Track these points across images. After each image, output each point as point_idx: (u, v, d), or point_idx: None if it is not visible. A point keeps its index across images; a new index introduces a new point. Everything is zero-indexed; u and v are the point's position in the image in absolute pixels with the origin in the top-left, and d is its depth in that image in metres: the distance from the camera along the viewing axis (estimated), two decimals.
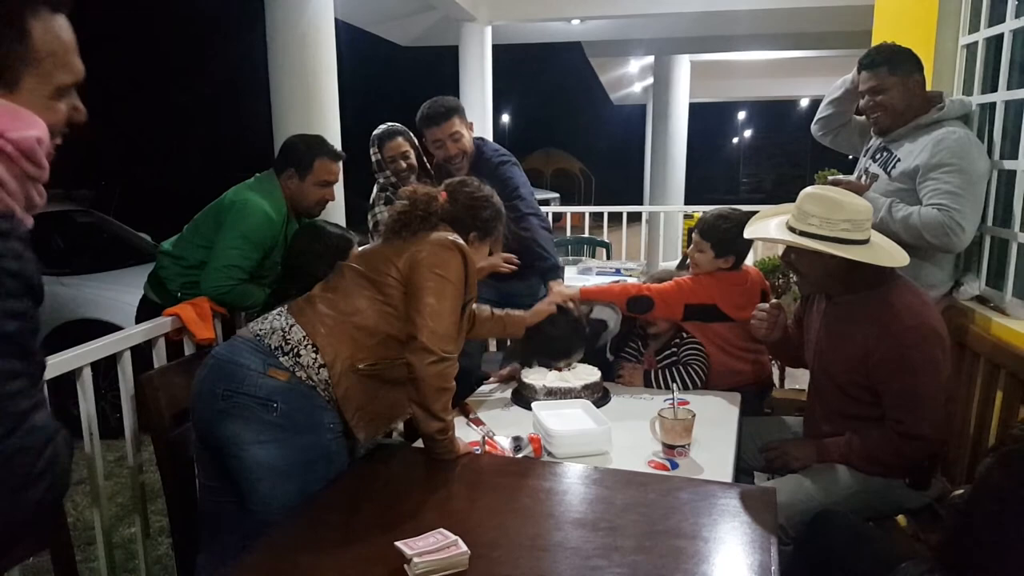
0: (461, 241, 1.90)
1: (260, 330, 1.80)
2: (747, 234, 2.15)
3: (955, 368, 2.04)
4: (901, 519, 2.16)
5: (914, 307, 1.91)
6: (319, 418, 1.75)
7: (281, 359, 1.74)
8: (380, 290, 1.83)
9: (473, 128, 3.05)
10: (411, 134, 3.20)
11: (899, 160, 2.38)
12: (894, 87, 2.39)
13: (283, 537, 1.50)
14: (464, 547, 1.34)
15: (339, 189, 3.09)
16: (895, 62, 2.39)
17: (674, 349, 2.47)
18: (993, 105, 2.49)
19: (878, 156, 2.49)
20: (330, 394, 1.76)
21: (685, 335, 2.46)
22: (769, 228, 2.05)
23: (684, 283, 2.49)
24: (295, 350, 1.75)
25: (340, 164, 2.69)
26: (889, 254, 1.95)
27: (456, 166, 2.98)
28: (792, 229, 1.95)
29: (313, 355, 1.76)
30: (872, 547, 1.59)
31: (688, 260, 2.63)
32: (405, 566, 1.31)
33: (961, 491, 1.51)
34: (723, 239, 2.47)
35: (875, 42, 2.98)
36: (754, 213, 2.24)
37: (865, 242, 1.91)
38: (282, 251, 2.61)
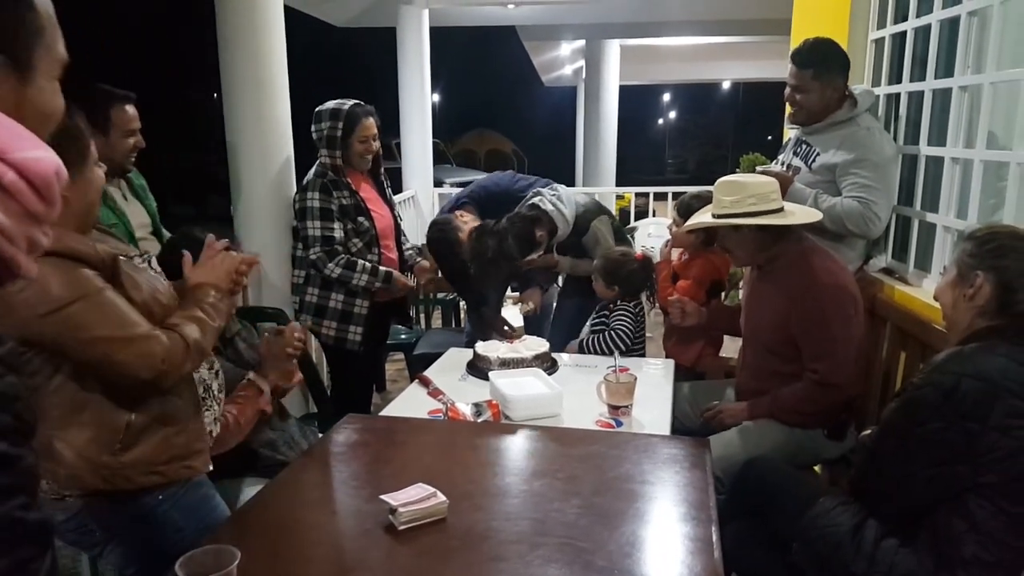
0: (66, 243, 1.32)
1: None
2: (686, 226, 2.47)
3: (866, 332, 2.30)
4: (817, 469, 2.43)
5: (830, 268, 2.20)
6: (142, 503, 1.51)
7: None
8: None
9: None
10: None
11: (818, 154, 2.62)
12: (813, 91, 2.58)
13: (273, 498, 1.62)
14: (443, 497, 1.49)
15: (290, 174, 3.13)
16: (823, 68, 2.55)
17: (604, 316, 2.69)
18: (898, 95, 2.76)
19: (799, 150, 2.73)
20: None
21: (613, 306, 2.69)
22: (698, 218, 2.39)
23: (696, 275, 2.80)
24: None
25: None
26: (803, 215, 2.24)
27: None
28: (715, 217, 2.25)
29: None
30: (796, 486, 1.82)
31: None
32: (390, 516, 1.45)
33: (869, 432, 1.75)
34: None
35: (794, 32, 3.23)
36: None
37: (778, 211, 2.18)
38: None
